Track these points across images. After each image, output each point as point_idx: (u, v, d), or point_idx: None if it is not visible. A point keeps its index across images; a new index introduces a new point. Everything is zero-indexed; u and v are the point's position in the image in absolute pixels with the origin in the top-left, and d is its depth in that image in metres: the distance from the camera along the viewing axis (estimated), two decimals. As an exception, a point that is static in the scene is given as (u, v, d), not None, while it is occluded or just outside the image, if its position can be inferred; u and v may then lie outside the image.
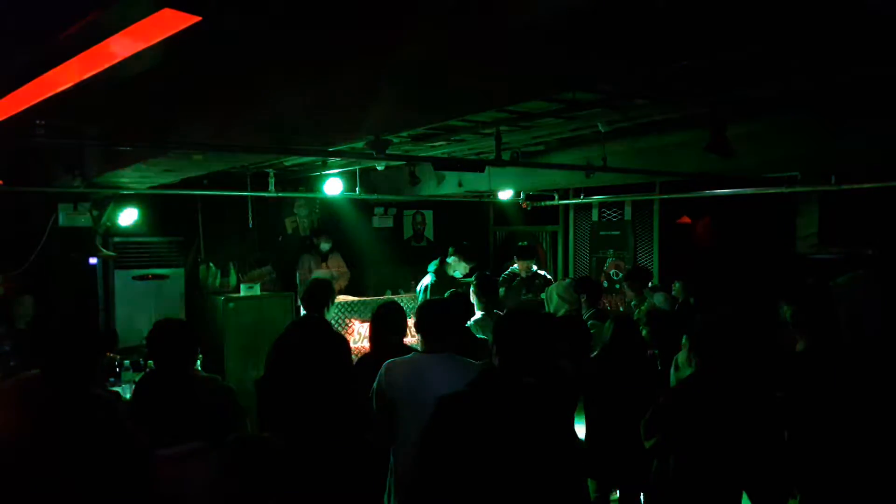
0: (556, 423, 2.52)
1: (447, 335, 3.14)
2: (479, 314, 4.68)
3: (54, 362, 2.40)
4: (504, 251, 9.06)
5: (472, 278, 5.00)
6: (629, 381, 3.81)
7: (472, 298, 4.74)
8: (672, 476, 3.05)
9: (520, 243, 6.91)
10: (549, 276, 6.52)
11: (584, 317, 5.11)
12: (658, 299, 5.92)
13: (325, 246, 7.67)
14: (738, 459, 2.99)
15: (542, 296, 5.26)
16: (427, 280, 6.33)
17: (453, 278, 6.27)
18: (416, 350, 3.45)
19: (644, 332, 4.44)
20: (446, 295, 4.62)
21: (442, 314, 3.22)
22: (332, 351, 3.73)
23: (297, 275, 7.53)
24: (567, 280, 5.15)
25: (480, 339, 4.06)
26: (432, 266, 6.42)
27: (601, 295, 5.49)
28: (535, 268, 6.41)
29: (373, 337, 3.74)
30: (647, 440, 3.14)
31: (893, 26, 2.23)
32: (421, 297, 6.15)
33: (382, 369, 3.10)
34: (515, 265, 6.41)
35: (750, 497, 3.15)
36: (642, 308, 5.79)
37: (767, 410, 3.09)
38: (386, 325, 3.65)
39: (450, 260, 6.34)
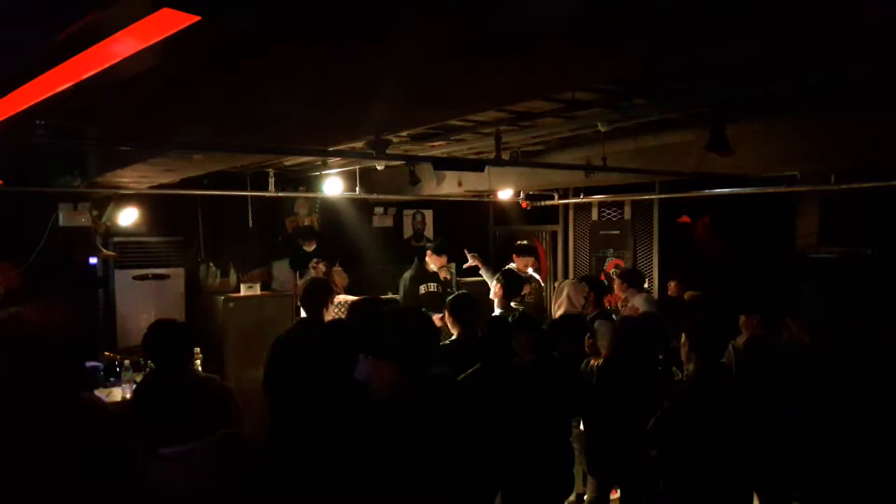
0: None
1: None
2: (496, 311, 4.91)
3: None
4: (504, 251, 9.04)
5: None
6: (636, 383, 3.79)
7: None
8: (681, 491, 3.05)
9: (518, 242, 6.92)
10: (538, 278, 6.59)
11: (590, 317, 5.11)
12: (638, 301, 5.83)
13: (308, 248, 7.29)
14: (744, 466, 2.98)
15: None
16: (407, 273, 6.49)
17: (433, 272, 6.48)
18: None
19: None
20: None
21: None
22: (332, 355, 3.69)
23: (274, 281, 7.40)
24: (582, 283, 5.15)
25: None
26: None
27: (606, 295, 5.50)
28: (530, 270, 6.42)
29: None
30: (652, 449, 3.14)
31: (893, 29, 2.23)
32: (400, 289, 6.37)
33: None
34: (513, 264, 6.43)
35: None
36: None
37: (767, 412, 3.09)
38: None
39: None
